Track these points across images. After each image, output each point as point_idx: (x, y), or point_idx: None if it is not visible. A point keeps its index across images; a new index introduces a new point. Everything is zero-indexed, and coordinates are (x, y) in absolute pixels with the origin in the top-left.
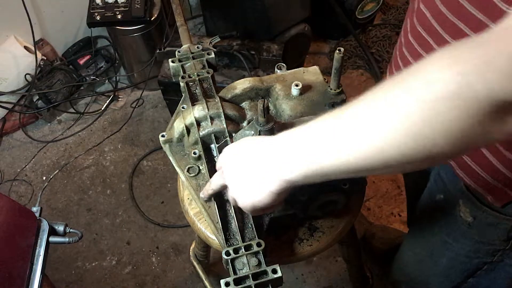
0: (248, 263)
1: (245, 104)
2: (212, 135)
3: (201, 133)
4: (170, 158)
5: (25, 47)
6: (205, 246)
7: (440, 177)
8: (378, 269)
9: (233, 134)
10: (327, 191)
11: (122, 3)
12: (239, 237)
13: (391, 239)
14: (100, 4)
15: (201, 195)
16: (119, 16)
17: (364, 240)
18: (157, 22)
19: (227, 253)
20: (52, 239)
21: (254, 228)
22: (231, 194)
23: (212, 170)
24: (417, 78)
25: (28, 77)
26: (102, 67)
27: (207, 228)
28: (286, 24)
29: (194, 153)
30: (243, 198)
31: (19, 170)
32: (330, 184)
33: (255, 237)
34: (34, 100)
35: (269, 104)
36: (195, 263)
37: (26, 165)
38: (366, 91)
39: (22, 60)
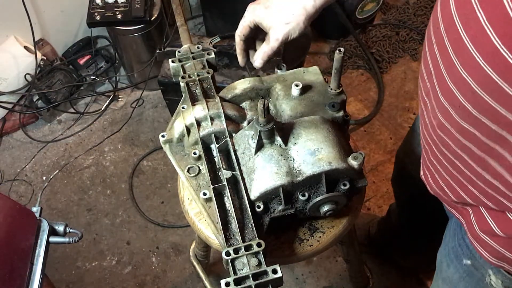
0: (248, 263)
1: (245, 104)
2: (212, 135)
3: (201, 133)
4: (170, 158)
5: (25, 47)
6: (205, 246)
7: (465, 242)
8: (378, 269)
9: (233, 134)
10: (327, 191)
11: (122, 3)
12: (239, 237)
13: (364, 224)
14: (100, 4)
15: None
16: (119, 16)
17: None
18: (157, 22)
19: (227, 253)
20: (52, 239)
21: (254, 228)
22: (263, 19)
23: (212, 170)
24: None
25: (28, 77)
26: (102, 67)
27: (207, 228)
28: None
29: (194, 153)
30: (276, 18)
31: (19, 170)
32: (331, 184)
33: (255, 237)
34: (34, 100)
35: (269, 104)
36: (195, 263)
37: (26, 165)
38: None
39: (22, 60)
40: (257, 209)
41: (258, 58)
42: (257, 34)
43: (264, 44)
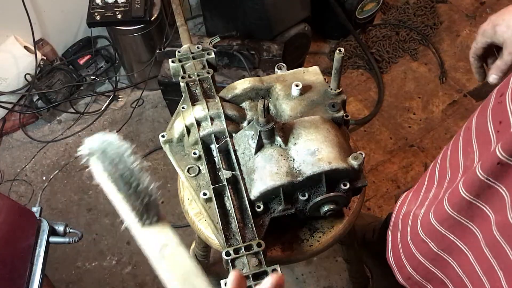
0: (248, 263)
1: (245, 104)
2: (212, 135)
3: (201, 133)
4: (170, 158)
5: (25, 47)
6: (205, 246)
7: None
8: (378, 269)
9: (233, 134)
10: (327, 191)
11: (122, 3)
12: (239, 237)
13: (364, 225)
14: (100, 4)
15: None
16: (119, 16)
17: None
18: (157, 22)
19: (227, 254)
20: (52, 239)
21: (254, 228)
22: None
23: (212, 170)
24: None
25: (28, 77)
26: (102, 67)
27: (207, 228)
28: (286, 24)
29: (194, 153)
30: None
31: (19, 170)
32: (331, 184)
33: (255, 237)
34: (34, 100)
35: (269, 104)
36: None
37: (26, 165)
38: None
39: (22, 60)
40: (257, 209)
41: (493, 73)
42: (489, 52)
43: (498, 60)
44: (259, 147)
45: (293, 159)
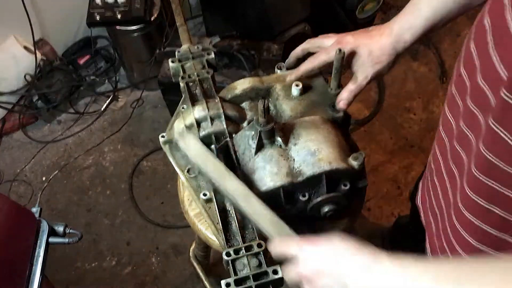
0: (248, 264)
1: (245, 105)
2: (212, 135)
3: (201, 134)
4: (170, 158)
5: (25, 47)
6: (205, 247)
7: None
8: None
9: (233, 135)
10: (327, 192)
11: (122, 3)
12: (239, 238)
13: (368, 232)
14: (100, 4)
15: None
16: (119, 16)
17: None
18: (157, 22)
19: (228, 254)
20: (51, 239)
21: (254, 229)
22: None
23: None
24: None
25: (27, 77)
26: (102, 67)
27: (207, 229)
28: (286, 24)
29: None
30: None
31: (18, 171)
32: (331, 185)
33: (255, 237)
34: (34, 100)
35: (269, 104)
36: (195, 264)
37: (25, 166)
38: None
39: (21, 60)
40: None
41: (344, 99)
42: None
43: (351, 83)
44: (259, 147)
45: (293, 160)
